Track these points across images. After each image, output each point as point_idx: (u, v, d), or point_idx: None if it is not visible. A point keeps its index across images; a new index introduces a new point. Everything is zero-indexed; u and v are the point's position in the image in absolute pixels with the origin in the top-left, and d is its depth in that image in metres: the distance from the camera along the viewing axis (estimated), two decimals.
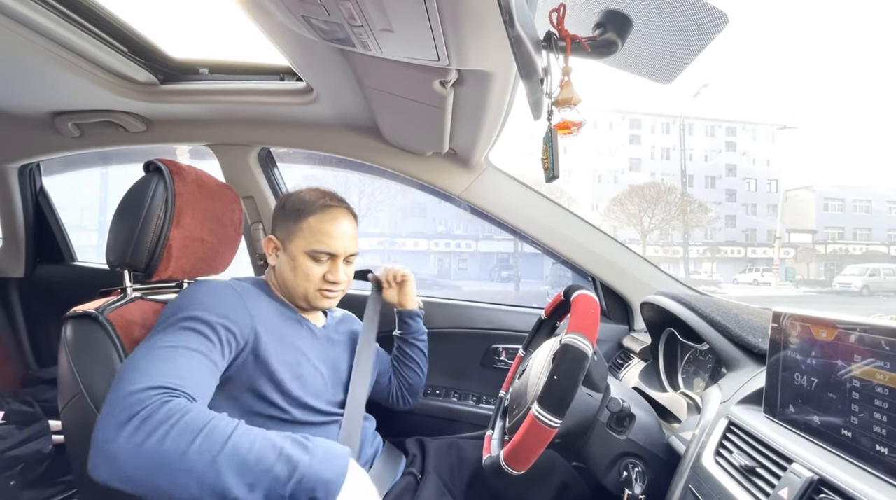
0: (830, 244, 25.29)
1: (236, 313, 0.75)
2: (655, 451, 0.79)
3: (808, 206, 26.46)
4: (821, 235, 25.75)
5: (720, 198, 27.77)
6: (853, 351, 0.49)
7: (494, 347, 1.39)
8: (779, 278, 21.18)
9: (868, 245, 25.32)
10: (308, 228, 0.86)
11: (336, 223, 0.87)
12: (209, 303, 0.73)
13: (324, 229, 0.86)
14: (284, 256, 0.88)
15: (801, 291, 19.39)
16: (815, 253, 24.87)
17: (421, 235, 19.81)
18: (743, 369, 0.75)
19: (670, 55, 0.54)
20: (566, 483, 1.02)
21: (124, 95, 1.14)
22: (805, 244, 25.26)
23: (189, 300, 0.73)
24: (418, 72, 0.79)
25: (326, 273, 0.87)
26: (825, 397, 0.52)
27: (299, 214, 0.87)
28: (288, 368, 0.80)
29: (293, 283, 0.87)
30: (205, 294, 0.75)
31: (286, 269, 0.87)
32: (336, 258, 0.88)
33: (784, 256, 23.56)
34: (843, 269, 20.43)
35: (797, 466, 0.49)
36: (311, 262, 0.86)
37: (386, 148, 1.28)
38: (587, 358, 0.71)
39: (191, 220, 0.90)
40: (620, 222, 20.48)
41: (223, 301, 0.75)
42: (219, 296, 0.76)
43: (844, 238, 26.06)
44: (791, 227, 25.47)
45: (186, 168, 0.93)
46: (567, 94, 0.53)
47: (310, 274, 0.86)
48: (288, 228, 0.88)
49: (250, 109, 1.21)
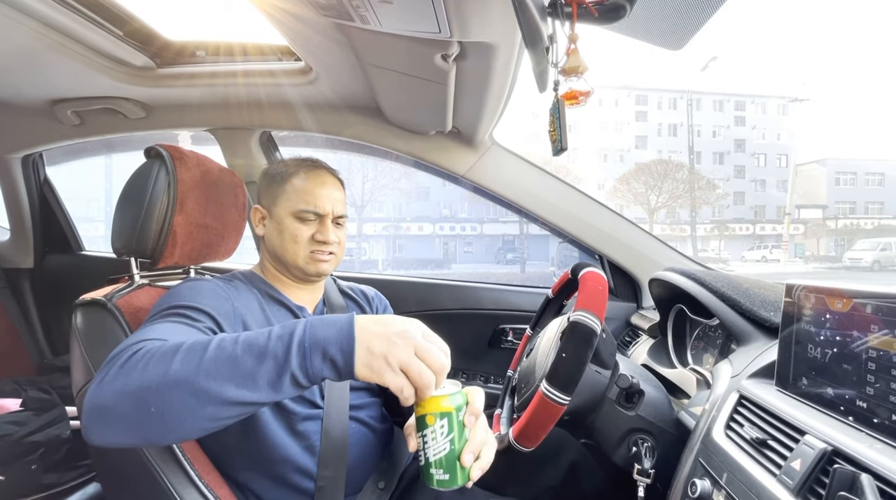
0: (841, 219, 24.93)
1: (219, 304, 0.74)
2: (665, 426, 0.79)
3: (819, 180, 25.99)
4: (832, 209, 25.35)
5: (728, 174, 27.38)
6: (870, 322, 0.48)
7: (502, 327, 1.40)
8: (788, 254, 20.95)
9: (880, 219, 24.92)
10: (292, 189, 0.84)
11: (320, 182, 0.85)
12: (191, 295, 0.72)
13: (307, 188, 0.84)
14: (272, 222, 0.86)
15: (811, 267, 19.22)
16: (825, 228, 24.54)
17: (426, 219, 19.78)
18: (754, 343, 0.74)
19: (681, 19, 0.52)
20: (576, 462, 1.02)
21: (122, 80, 1.13)
22: (815, 220, 24.90)
23: (170, 296, 0.72)
24: (419, 46, 0.76)
25: (315, 233, 0.84)
26: (840, 369, 0.51)
27: (283, 177, 0.85)
28: None
29: (282, 249, 0.84)
30: (186, 290, 0.74)
31: (274, 235, 0.85)
32: (324, 218, 0.85)
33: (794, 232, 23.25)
34: (853, 244, 20.17)
35: (810, 438, 0.49)
36: (298, 223, 0.83)
37: (388, 128, 1.26)
38: (595, 335, 0.70)
39: (194, 205, 0.90)
40: (627, 201, 20.28)
41: (206, 294, 0.74)
42: (201, 290, 0.74)
43: (856, 212, 25.66)
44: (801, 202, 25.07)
45: (188, 153, 0.92)
46: (574, 62, 0.51)
47: (297, 236, 0.83)
48: (273, 193, 0.86)
49: (249, 91, 1.19)
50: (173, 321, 0.66)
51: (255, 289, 0.85)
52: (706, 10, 0.49)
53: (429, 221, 19.84)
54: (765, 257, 21.22)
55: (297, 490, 0.77)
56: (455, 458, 0.56)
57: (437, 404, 0.55)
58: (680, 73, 35.14)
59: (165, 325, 0.64)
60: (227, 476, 0.76)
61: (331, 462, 0.79)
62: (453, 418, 0.56)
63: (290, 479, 0.77)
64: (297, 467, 0.77)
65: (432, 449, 0.56)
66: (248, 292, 0.83)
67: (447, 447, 0.56)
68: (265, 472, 0.76)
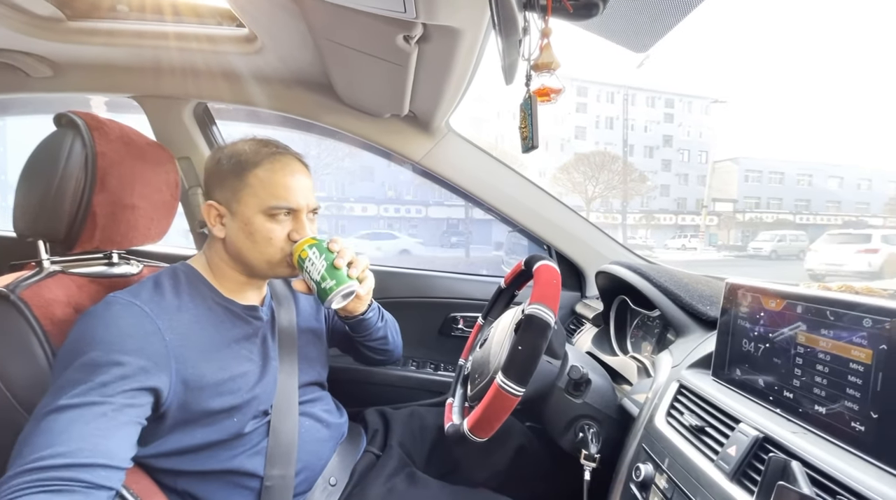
0: (748, 213, 27.84)
1: (148, 344, 0.62)
2: (609, 412, 0.84)
3: (732, 177, 28.71)
4: (741, 204, 28.21)
5: (657, 167, 29.41)
6: (799, 320, 0.52)
7: (453, 315, 1.40)
8: (704, 243, 23.10)
9: (779, 214, 28.11)
10: (258, 182, 0.72)
11: (289, 172, 0.74)
12: (111, 339, 0.60)
13: (277, 181, 0.73)
14: (234, 222, 0.74)
15: (722, 255, 21.30)
16: (735, 221, 27.30)
17: (370, 200, 19.37)
18: (692, 334, 0.80)
19: (649, 23, 0.52)
20: (522, 445, 1.06)
21: (21, 31, 0.96)
22: (727, 212, 27.63)
23: (85, 340, 0.60)
24: (380, 24, 0.72)
25: (291, 232, 0.75)
26: (770, 361, 0.56)
27: (242, 167, 0.73)
28: (232, 380, 0.71)
29: (253, 252, 0.74)
30: (104, 328, 0.61)
31: (240, 237, 0.73)
32: (298, 214, 0.75)
33: (709, 223, 25.67)
34: (756, 235, 22.60)
35: (744, 426, 0.53)
36: (270, 222, 0.73)
37: (340, 107, 1.19)
38: (550, 328, 0.72)
39: (118, 183, 0.79)
40: (566, 189, 21.19)
41: (129, 332, 0.61)
42: (122, 327, 0.61)
43: (760, 207, 28.73)
44: (717, 196, 27.63)
45: (108, 123, 0.81)
46: (547, 58, 0.50)
47: (272, 237, 0.73)
48: (231, 187, 0.73)
49: (184, 57, 1.06)
50: (90, 404, 0.55)
51: (200, 297, 0.74)
52: (674, 17, 0.50)
53: (373, 202, 19.45)
54: (684, 245, 23.27)
55: (242, 492, 0.73)
56: (332, 266, 0.73)
57: (305, 242, 0.73)
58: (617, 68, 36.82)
59: (81, 414, 0.54)
60: (160, 484, 0.70)
61: (279, 462, 0.76)
62: (320, 244, 0.74)
63: (234, 481, 0.72)
64: (243, 470, 0.73)
65: (316, 271, 0.72)
66: (192, 303, 0.72)
67: (324, 263, 0.73)
68: (206, 477, 0.71)
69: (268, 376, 0.77)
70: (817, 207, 29.76)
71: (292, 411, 0.80)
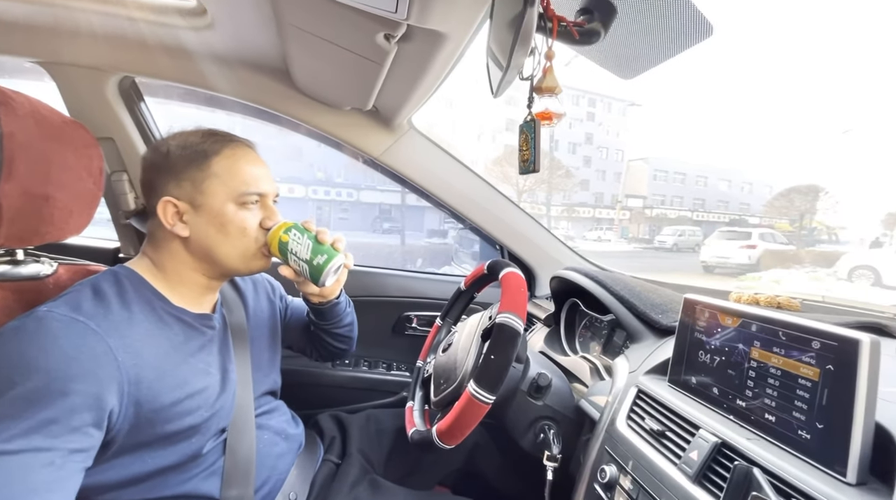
0: (655, 209, 30.74)
1: (96, 366, 0.53)
2: (567, 413, 0.88)
3: (642, 175, 31.45)
4: (649, 200, 31.05)
5: (579, 163, 31.30)
6: (753, 337, 0.59)
7: (406, 314, 1.39)
8: (617, 235, 25.18)
9: (680, 211, 31.38)
10: (222, 170, 0.68)
11: (252, 159, 0.72)
12: (52, 365, 0.50)
13: (241, 168, 0.69)
14: (200, 217, 0.67)
15: (632, 247, 23.35)
16: (644, 216, 30.02)
17: (297, 181, 18.38)
18: (645, 341, 0.86)
19: (643, 53, 0.55)
20: (477, 442, 1.09)
21: None
22: (637, 208, 30.30)
23: (16, 366, 0.49)
24: (362, 19, 0.67)
25: (263, 219, 0.72)
26: (725, 373, 0.62)
27: (203, 155, 0.68)
28: (190, 398, 0.64)
29: (225, 246, 0.69)
30: (39, 351, 0.51)
31: (210, 232, 0.68)
32: (265, 200, 0.73)
33: (622, 217, 27.99)
34: (661, 230, 25.05)
35: (703, 431, 0.59)
36: (243, 211, 0.69)
37: (295, 96, 1.10)
38: (520, 336, 0.75)
39: (28, 170, 0.67)
40: (498, 180, 21.82)
41: (73, 355, 0.52)
42: (65, 349, 0.52)
43: (665, 204, 31.84)
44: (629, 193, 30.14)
45: (15, 95, 0.67)
46: (551, 82, 0.50)
47: (247, 227, 0.69)
48: (191, 178, 0.67)
49: (111, 23, 0.91)
50: (33, 451, 0.46)
51: (150, 307, 0.65)
52: (668, 51, 0.52)
53: (301, 183, 18.49)
54: (600, 236, 25.18)
55: None
56: (317, 242, 0.72)
57: (282, 226, 0.71)
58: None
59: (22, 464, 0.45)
60: None
61: (236, 482, 0.71)
62: (298, 225, 0.73)
63: None
64: (197, 494, 0.67)
65: (304, 250, 0.71)
66: (142, 315, 0.63)
67: (308, 241, 0.72)
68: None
69: (227, 390, 0.71)
70: (711, 205, 33.69)
71: (249, 426, 0.75)
